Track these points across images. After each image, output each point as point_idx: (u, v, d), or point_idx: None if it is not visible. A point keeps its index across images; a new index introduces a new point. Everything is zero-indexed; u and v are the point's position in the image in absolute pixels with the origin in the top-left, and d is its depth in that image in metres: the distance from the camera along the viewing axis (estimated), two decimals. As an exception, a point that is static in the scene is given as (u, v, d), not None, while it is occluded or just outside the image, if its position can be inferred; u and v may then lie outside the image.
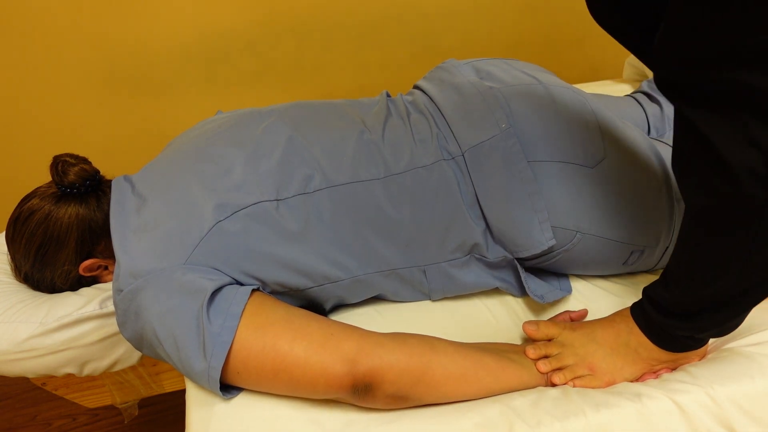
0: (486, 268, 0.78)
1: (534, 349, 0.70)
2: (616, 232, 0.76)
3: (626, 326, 0.68)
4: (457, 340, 0.70)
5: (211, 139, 0.77)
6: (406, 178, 0.72)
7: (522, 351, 0.71)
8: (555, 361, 0.69)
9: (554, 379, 0.68)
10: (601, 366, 0.68)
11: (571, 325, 0.72)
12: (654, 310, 0.64)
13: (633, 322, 0.67)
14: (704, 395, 0.62)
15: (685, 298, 0.59)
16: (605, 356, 0.68)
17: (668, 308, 0.62)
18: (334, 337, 0.62)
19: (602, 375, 0.67)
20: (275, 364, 0.61)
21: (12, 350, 0.77)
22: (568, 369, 0.68)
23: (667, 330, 0.64)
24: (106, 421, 1.30)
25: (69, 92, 1.39)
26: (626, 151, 0.77)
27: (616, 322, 0.69)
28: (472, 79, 0.81)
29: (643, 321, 0.66)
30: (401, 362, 0.61)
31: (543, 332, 0.72)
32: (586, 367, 0.68)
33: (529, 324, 0.72)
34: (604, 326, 0.70)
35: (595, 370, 0.68)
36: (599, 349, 0.68)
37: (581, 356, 0.68)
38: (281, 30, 1.47)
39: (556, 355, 0.70)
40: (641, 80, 1.43)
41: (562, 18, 1.69)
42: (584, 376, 0.68)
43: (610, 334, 0.68)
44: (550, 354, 0.70)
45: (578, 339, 0.70)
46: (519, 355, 0.70)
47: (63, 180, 0.77)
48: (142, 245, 0.67)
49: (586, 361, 0.68)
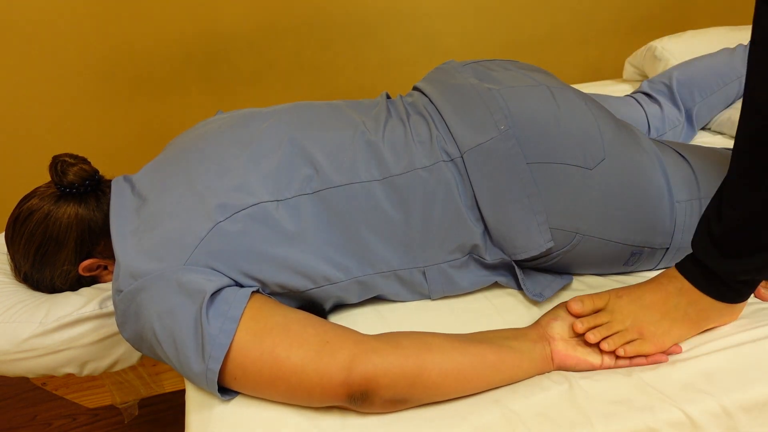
0: (484, 269, 0.78)
1: (582, 323, 0.69)
2: (616, 233, 0.75)
3: (675, 287, 0.67)
4: (457, 332, 0.69)
5: (211, 140, 0.77)
6: (405, 179, 0.72)
7: (523, 335, 0.70)
8: (604, 329, 0.68)
9: (603, 345, 0.67)
10: (649, 329, 0.67)
11: (616, 292, 0.71)
12: (709, 255, 0.63)
13: (682, 280, 0.67)
14: (715, 405, 0.62)
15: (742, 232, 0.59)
16: (654, 321, 0.67)
17: (723, 245, 0.61)
18: (329, 345, 0.62)
19: (652, 338, 0.67)
20: (272, 372, 0.61)
21: (12, 350, 0.77)
22: (618, 335, 0.68)
23: (723, 277, 0.63)
24: (106, 421, 1.30)
25: (69, 92, 1.39)
26: (626, 152, 0.77)
27: (664, 284, 0.68)
28: (471, 80, 0.81)
29: (696, 272, 0.66)
30: (396, 367, 0.61)
31: (589, 306, 0.71)
32: (635, 332, 0.68)
33: (573, 302, 0.71)
34: (653, 289, 0.69)
35: (644, 335, 0.67)
36: (648, 314, 0.68)
37: (630, 322, 0.68)
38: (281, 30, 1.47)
39: (606, 323, 0.69)
40: (641, 80, 1.43)
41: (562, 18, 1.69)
42: (634, 340, 0.67)
43: (659, 296, 0.68)
44: (599, 324, 0.69)
45: (626, 305, 0.69)
46: (519, 341, 0.69)
47: (62, 180, 0.77)
48: (141, 245, 0.67)
49: (635, 326, 0.68)
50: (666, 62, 1.33)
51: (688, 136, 1.15)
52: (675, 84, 1.13)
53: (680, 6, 1.80)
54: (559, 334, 0.70)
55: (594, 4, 1.68)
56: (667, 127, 1.11)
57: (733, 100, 1.18)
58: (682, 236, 0.78)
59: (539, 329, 0.71)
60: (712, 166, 0.82)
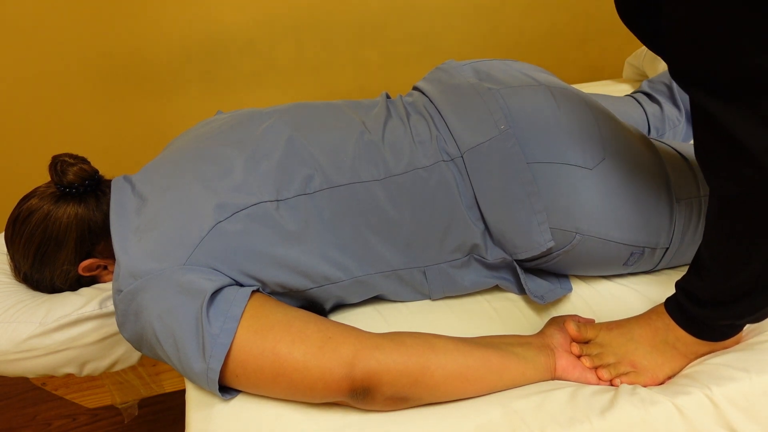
0: (485, 269, 0.78)
1: (577, 348, 0.71)
2: (616, 233, 0.75)
3: (663, 323, 0.68)
4: (459, 335, 0.69)
5: (211, 140, 0.77)
6: (405, 179, 0.72)
7: (528, 342, 0.71)
8: (596, 359, 0.70)
9: (600, 373, 0.68)
10: (642, 363, 0.68)
11: (607, 326, 0.72)
12: (690, 303, 0.64)
13: (669, 318, 0.67)
14: (703, 396, 0.62)
15: (721, 285, 0.60)
16: (645, 354, 0.68)
17: (704, 298, 0.62)
18: (332, 341, 0.62)
19: (645, 372, 0.68)
20: (274, 368, 0.61)
21: (12, 350, 0.77)
22: (611, 366, 0.69)
23: (704, 321, 0.64)
24: (106, 421, 1.30)
25: (69, 92, 1.39)
26: (626, 152, 0.77)
27: (653, 320, 0.69)
28: (471, 80, 0.81)
29: (680, 315, 0.66)
30: (398, 364, 0.61)
31: (582, 334, 0.72)
32: (628, 364, 0.68)
33: (570, 323, 0.73)
34: (641, 324, 0.70)
35: (637, 367, 0.68)
36: (639, 348, 0.69)
37: (621, 355, 0.69)
38: (281, 30, 1.47)
39: (597, 354, 0.70)
40: (641, 80, 1.43)
41: (562, 18, 1.69)
42: (629, 372, 0.68)
43: (648, 332, 0.69)
44: (590, 354, 0.70)
45: (616, 339, 0.70)
46: (524, 348, 0.69)
47: (62, 180, 0.77)
48: (142, 245, 0.67)
49: (626, 359, 0.69)
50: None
51: (688, 136, 1.15)
52: (675, 84, 1.13)
53: (680, 6, 1.80)
54: (562, 346, 0.71)
55: (594, 4, 1.68)
56: (667, 127, 1.11)
57: (733, 100, 1.18)
58: (682, 236, 0.78)
59: (544, 338, 0.72)
60: (712, 166, 0.82)
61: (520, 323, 0.78)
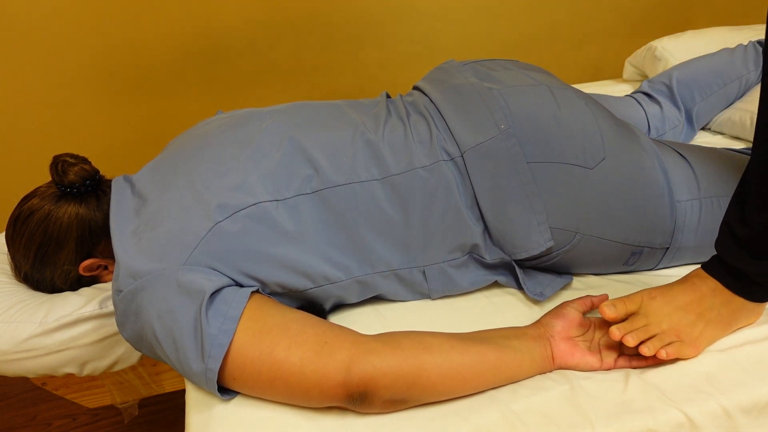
0: (484, 268, 0.79)
1: (619, 329, 0.67)
2: (616, 232, 0.75)
3: (708, 287, 0.67)
4: (457, 331, 0.69)
5: (211, 140, 0.77)
6: (405, 178, 0.72)
7: (523, 334, 0.69)
8: (642, 332, 0.66)
9: (643, 349, 0.65)
10: (686, 331, 0.67)
11: (649, 293, 0.70)
12: (737, 255, 0.63)
13: (713, 280, 0.67)
14: (715, 405, 0.62)
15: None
16: (690, 322, 0.67)
17: (751, 248, 0.62)
18: (328, 345, 0.62)
19: (689, 340, 0.67)
20: (271, 372, 0.61)
21: (12, 350, 0.77)
22: (656, 338, 0.66)
23: (751, 276, 0.63)
24: (106, 421, 1.30)
25: (69, 92, 1.39)
26: (626, 152, 0.77)
27: (697, 285, 0.68)
28: (471, 80, 0.81)
29: (727, 273, 0.65)
30: (394, 368, 0.61)
31: (622, 311, 0.68)
32: (673, 334, 0.67)
33: (606, 306, 0.68)
34: (687, 290, 0.68)
35: (681, 337, 0.67)
36: (684, 315, 0.67)
37: (667, 324, 0.67)
38: (281, 30, 1.47)
39: (643, 327, 0.67)
40: (641, 80, 1.43)
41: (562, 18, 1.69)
42: (673, 342, 0.66)
43: (694, 297, 0.67)
44: (636, 328, 0.67)
45: (661, 307, 0.68)
46: (520, 341, 0.68)
47: (63, 180, 0.77)
48: (141, 245, 0.67)
49: (672, 328, 0.67)
50: (666, 62, 1.33)
51: (688, 136, 1.15)
52: (675, 84, 1.13)
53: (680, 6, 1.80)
54: (560, 334, 0.69)
55: (594, 4, 1.68)
56: (667, 127, 1.11)
57: (733, 100, 1.18)
58: (683, 236, 0.78)
59: (540, 328, 0.70)
60: (712, 166, 0.82)
61: (521, 317, 0.77)
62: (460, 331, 0.70)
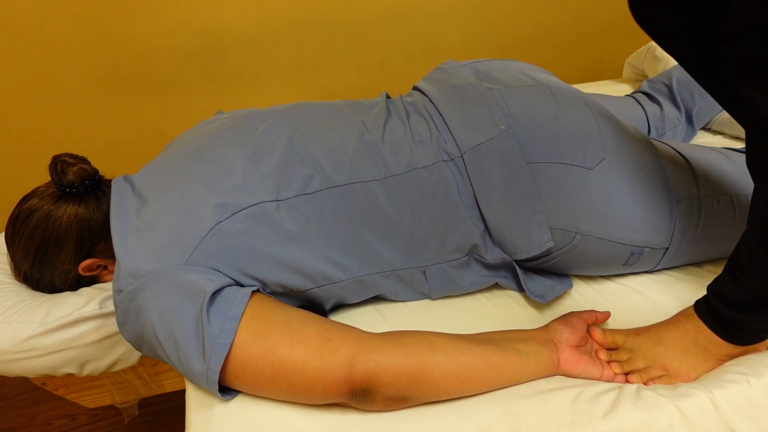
0: (485, 268, 0.79)
1: (606, 355, 0.71)
2: (616, 232, 0.75)
3: (692, 325, 0.67)
4: (457, 331, 0.69)
5: (211, 140, 0.77)
6: (405, 179, 0.72)
7: (531, 337, 0.70)
8: (626, 365, 0.69)
9: (631, 378, 0.68)
10: (673, 365, 0.68)
11: (635, 331, 0.72)
12: (723, 306, 0.64)
13: (699, 320, 0.67)
14: (705, 399, 0.62)
15: (759, 290, 0.59)
16: (675, 356, 0.68)
17: (739, 302, 0.62)
18: (331, 342, 0.62)
19: (677, 374, 0.67)
20: (274, 370, 0.61)
21: (12, 350, 0.77)
22: (642, 371, 0.68)
23: (737, 324, 0.63)
24: (106, 421, 1.30)
25: (69, 92, 1.39)
26: (626, 152, 0.77)
27: (681, 323, 0.69)
28: (471, 80, 0.81)
29: (712, 318, 0.66)
30: (397, 365, 0.61)
31: (609, 339, 0.72)
32: (659, 368, 0.68)
33: (595, 331, 0.73)
34: (670, 327, 0.70)
35: (668, 370, 0.68)
36: (668, 350, 0.68)
37: (651, 359, 0.68)
38: (281, 30, 1.47)
39: (627, 359, 0.70)
40: (641, 80, 1.43)
41: (562, 17, 1.69)
42: (662, 376, 0.68)
43: (677, 334, 0.68)
44: (619, 360, 0.70)
45: (644, 343, 0.70)
46: (526, 343, 0.68)
47: (62, 179, 0.77)
48: (142, 245, 0.67)
49: (657, 362, 0.68)
50: (666, 62, 1.33)
51: (688, 136, 1.15)
52: (675, 84, 1.13)
53: (680, 6, 1.80)
54: (567, 341, 0.70)
55: (594, 4, 1.68)
56: (667, 127, 1.11)
57: (733, 99, 1.18)
58: (682, 236, 0.78)
59: (549, 333, 0.71)
60: (712, 167, 0.82)
61: (521, 318, 0.78)
62: (461, 331, 0.70)
